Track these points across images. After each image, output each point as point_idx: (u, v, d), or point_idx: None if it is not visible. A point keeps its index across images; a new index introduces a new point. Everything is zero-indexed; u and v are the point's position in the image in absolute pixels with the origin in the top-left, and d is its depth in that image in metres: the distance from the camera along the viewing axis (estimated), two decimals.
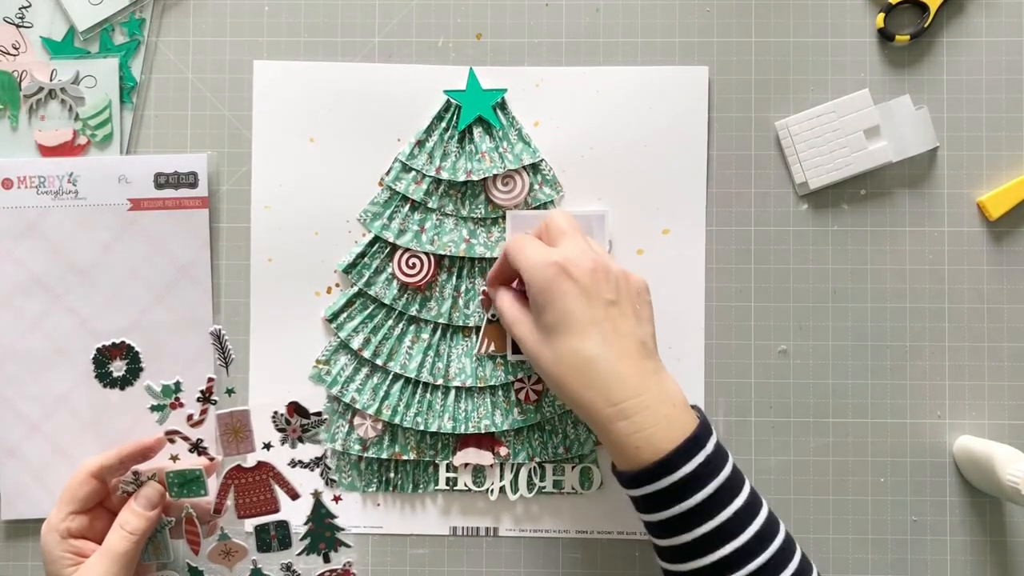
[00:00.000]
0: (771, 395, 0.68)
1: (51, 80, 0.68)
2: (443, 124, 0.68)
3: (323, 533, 0.67)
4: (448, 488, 0.68)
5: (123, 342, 0.66)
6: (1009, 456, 0.61)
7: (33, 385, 0.67)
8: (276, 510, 0.65)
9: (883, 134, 0.67)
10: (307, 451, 0.67)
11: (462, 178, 0.67)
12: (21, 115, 0.68)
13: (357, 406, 0.67)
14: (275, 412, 0.64)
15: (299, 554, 0.66)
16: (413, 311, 0.68)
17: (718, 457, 0.54)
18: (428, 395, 0.68)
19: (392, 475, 0.68)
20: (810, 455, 0.68)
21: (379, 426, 0.67)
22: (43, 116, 0.68)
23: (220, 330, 0.63)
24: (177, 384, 0.63)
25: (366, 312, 0.68)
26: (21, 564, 0.68)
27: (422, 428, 0.67)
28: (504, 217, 0.68)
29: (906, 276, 0.68)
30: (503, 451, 0.67)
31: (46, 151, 0.68)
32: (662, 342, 0.67)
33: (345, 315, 0.68)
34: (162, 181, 0.67)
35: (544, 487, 0.68)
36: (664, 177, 0.68)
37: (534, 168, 0.68)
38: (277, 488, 0.64)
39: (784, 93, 0.68)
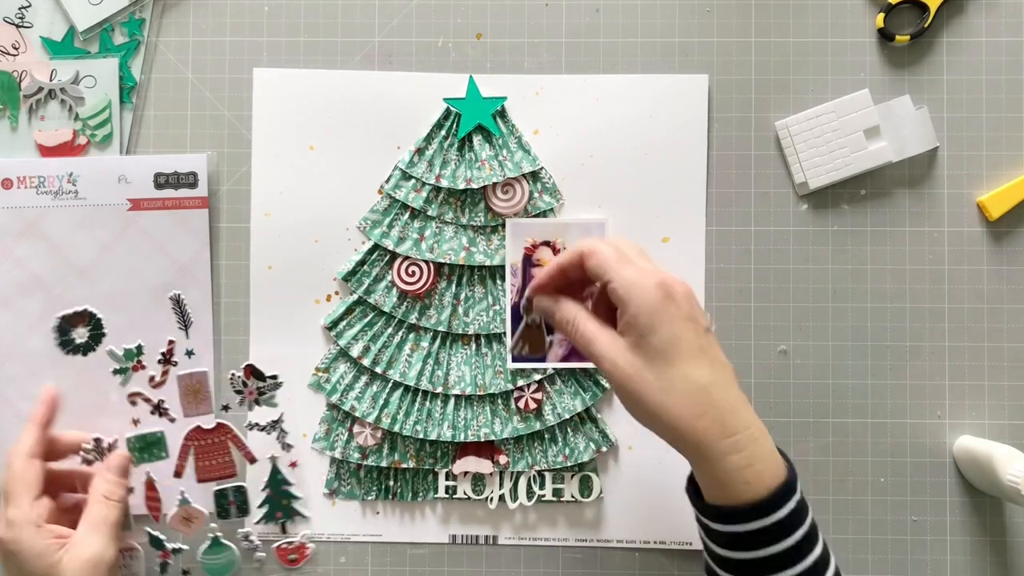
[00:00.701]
0: (771, 395, 0.68)
1: (51, 80, 0.68)
2: (443, 132, 0.68)
3: (280, 501, 0.67)
4: (447, 496, 0.68)
5: (85, 310, 0.66)
6: (1009, 456, 0.61)
7: (33, 385, 0.67)
8: (234, 474, 0.66)
9: (883, 134, 0.67)
10: (264, 414, 0.67)
11: (462, 186, 0.67)
12: (21, 115, 0.68)
13: (356, 414, 0.67)
14: (232, 374, 0.66)
15: (257, 522, 0.67)
16: (413, 319, 0.67)
17: (804, 499, 0.53)
18: (427, 403, 0.68)
19: (392, 483, 0.68)
20: (810, 455, 0.68)
21: (378, 434, 0.67)
22: (43, 116, 0.68)
23: (180, 295, 0.65)
24: (139, 347, 0.65)
25: (366, 320, 0.68)
26: None
27: (421, 436, 0.67)
28: (504, 225, 0.67)
29: (906, 276, 0.68)
30: (503, 459, 0.67)
31: (46, 151, 0.68)
32: None
33: (345, 323, 0.68)
34: (162, 181, 0.67)
35: (544, 495, 0.68)
36: (664, 185, 0.68)
37: (534, 176, 0.68)
38: (235, 451, 0.66)
39: (784, 93, 0.68)
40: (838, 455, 0.68)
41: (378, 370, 0.67)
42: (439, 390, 0.67)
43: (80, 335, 0.66)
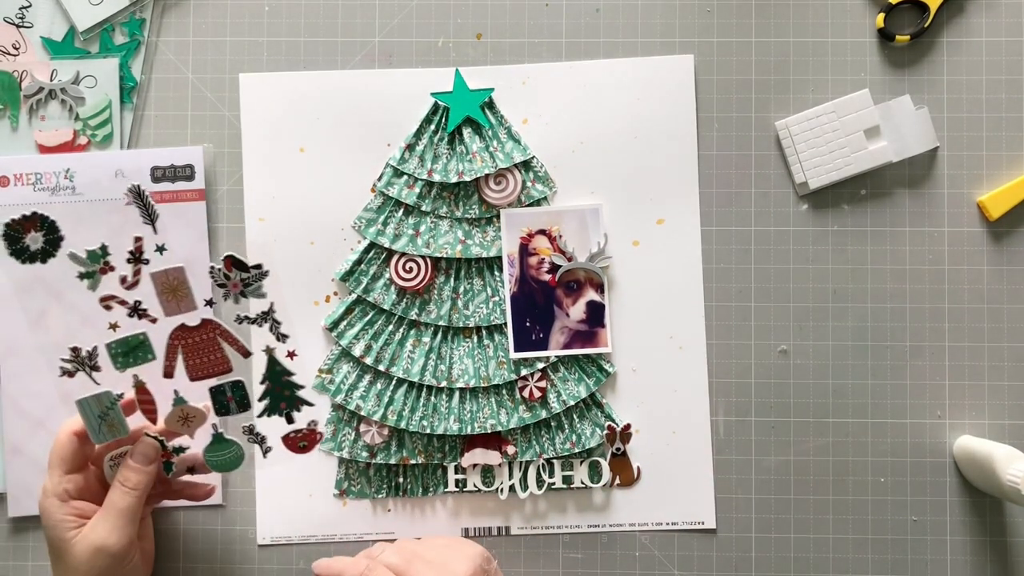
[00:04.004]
0: (771, 395, 0.68)
1: (51, 80, 0.68)
2: (432, 127, 0.68)
3: (282, 392, 0.63)
4: (458, 490, 0.68)
5: (35, 213, 0.61)
6: (1009, 456, 0.61)
7: (36, 382, 0.67)
8: (229, 369, 0.62)
9: (883, 134, 0.67)
10: (253, 306, 0.62)
11: (454, 179, 0.67)
12: (21, 115, 0.68)
13: (362, 413, 0.67)
14: (212, 267, 0.60)
15: (260, 415, 0.63)
16: (413, 315, 0.67)
17: None
18: (432, 398, 0.68)
19: (401, 480, 0.68)
20: (810, 455, 0.67)
21: (385, 432, 0.67)
22: (43, 116, 0.68)
23: (139, 186, 0.60)
24: (104, 248, 0.60)
25: (366, 319, 0.68)
26: (22, 564, 0.68)
27: (428, 431, 0.67)
28: (498, 216, 0.68)
29: (906, 276, 0.68)
30: (510, 450, 0.67)
31: (46, 151, 0.68)
32: (664, 332, 0.67)
33: (345, 323, 0.68)
34: (159, 175, 0.67)
35: (553, 483, 0.68)
36: (656, 167, 0.68)
37: (526, 165, 0.68)
38: (226, 346, 0.61)
39: (784, 93, 0.68)
40: (838, 455, 0.67)
41: (381, 368, 0.67)
42: (443, 384, 0.67)
43: (34, 240, 0.61)
